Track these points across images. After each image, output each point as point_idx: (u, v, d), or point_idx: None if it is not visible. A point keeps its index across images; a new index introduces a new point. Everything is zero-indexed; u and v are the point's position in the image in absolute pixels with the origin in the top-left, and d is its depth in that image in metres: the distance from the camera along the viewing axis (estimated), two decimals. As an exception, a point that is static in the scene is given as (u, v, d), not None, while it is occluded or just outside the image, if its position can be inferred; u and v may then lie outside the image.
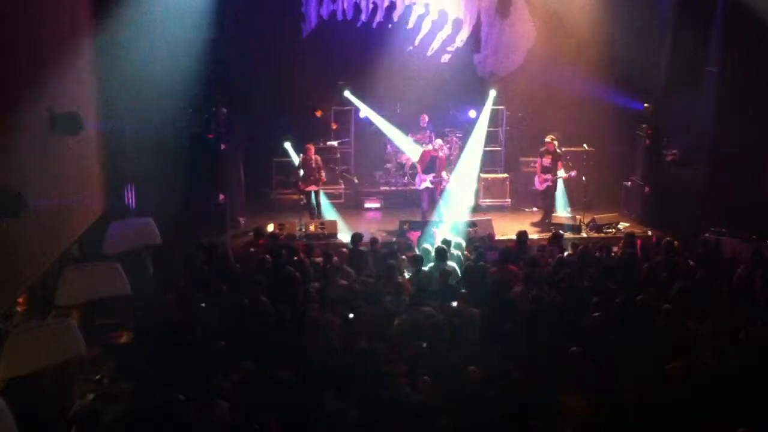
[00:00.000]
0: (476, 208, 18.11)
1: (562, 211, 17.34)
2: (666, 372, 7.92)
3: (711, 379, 7.69)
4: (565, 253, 12.97)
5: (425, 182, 16.88)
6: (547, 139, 16.98)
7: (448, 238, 13.15)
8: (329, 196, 17.62)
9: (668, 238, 13.14)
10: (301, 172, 16.41)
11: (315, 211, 16.57)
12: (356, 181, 18.80)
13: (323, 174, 16.62)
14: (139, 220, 10.98)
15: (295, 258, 12.20)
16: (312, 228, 15.56)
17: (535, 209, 18.11)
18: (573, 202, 17.87)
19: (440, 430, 7.08)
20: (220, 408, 7.29)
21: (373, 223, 17.29)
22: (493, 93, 18.61)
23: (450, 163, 18.24)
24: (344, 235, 15.09)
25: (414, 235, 14.09)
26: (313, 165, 16.43)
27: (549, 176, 16.91)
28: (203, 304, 10.05)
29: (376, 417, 7.12)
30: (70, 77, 9.75)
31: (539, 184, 17.18)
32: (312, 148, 16.58)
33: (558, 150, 16.96)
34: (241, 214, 16.83)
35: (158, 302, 10.10)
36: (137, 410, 7.39)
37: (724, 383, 7.57)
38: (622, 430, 7.01)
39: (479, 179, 18.60)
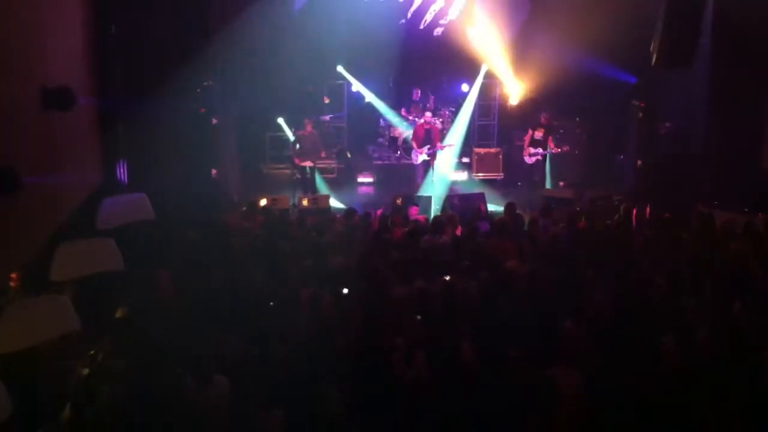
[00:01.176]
0: (469, 182, 18.22)
1: (551, 185, 17.41)
2: (659, 347, 7.95)
3: (704, 354, 7.72)
4: (558, 227, 12.97)
5: (422, 155, 16.89)
6: (543, 115, 17.07)
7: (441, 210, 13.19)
8: (322, 171, 17.64)
9: (661, 212, 13.16)
10: (298, 146, 16.41)
11: (309, 187, 16.57)
12: (349, 155, 18.78)
13: (322, 150, 16.65)
14: (132, 195, 10.92)
15: (289, 233, 12.20)
16: (305, 203, 15.57)
17: (519, 183, 18.10)
18: (566, 176, 17.94)
19: (433, 405, 7.11)
20: (220, 383, 7.31)
21: (366, 197, 17.31)
22: (485, 67, 18.59)
23: (443, 136, 18.27)
24: (337, 210, 15.12)
25: (414, 211, 14.05)
26: (310, 141, 16.45)
27: (539, 150, 16.95)
28: (196, 280, 10.04)
29: (371, 393, 7.15)
30: (62, 52, 9.68)
31: (529, 158, 17.20)
32: (310, 124, 16.60)
33: (550, 124, 17.04)
34: (234, 189, 16.81)
35: (152, 278, 10.08)
36: (134, 387, 7.40)
37: (718, 358, 7.60)
38: (616, 405, 7.04)
39: (472, 153, 18.64)
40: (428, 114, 17.40)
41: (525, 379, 7.37)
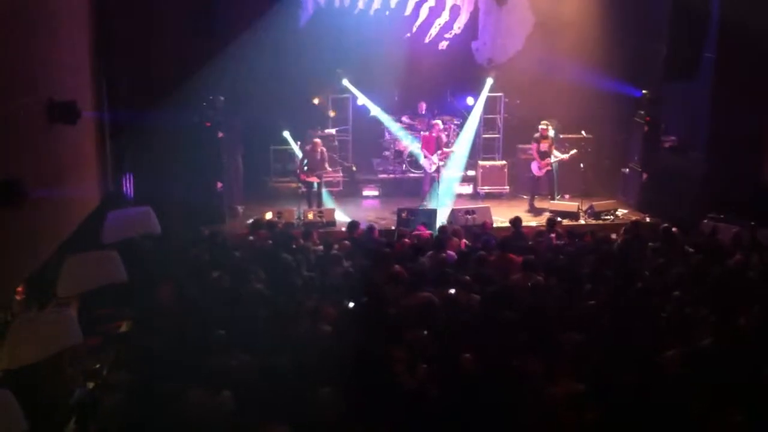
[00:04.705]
0: (474, 195, 18.25)
1: (557, 198, 17.39)
2: (663, 358, 7.95)
3: (708, 366, 7.71)
4: (563, 240, 12.98)
5: (434, 164, 16.98)
6: (542, 125, 17.07)
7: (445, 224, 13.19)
8: (327, 184, 17.63)
9: (666, 225, 13.16)
10: (306, 161, 16.41)
11: (314, 201, 16.58)
12: (354, 169, 18.78)
13: (327, 166, 16.66)
14: (137, 209, 10.97)
15: (294, 246, 12.22)
16: (310, 216, 15.57)
17: (524, 197, 18.09)
18: (571, 189, 17.92)
19: (434, 416, 7.11)
20: (223, 396, 7.31)
21: (371, 211, 17.31)
22: (490, 80, 18.60)
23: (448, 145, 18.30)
24: (342, 224, 15.14)
25: (422, 229, 13.97)
26: (318, 157, 16.45)
27: (548, 160, 16.97)
28: (200, 293, 10.06)
29: (372, 404, 7.15)
30: (67, 66, 9.73)
31: (538, 170, 17.19)
32: (319, 141, 16.64)
33: (551, 135, 17.09)
34: (239, 202, 16.83)
35: (155, 291, 10.11)
36: (137, 399, 7.41)
37: (722, 369, 7.59)
38: (618, 416, 7.03)
39: (477, 166, 18.64)
40: (439, 122, 17.54)
41: (526, 390, 7.39)
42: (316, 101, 18.77)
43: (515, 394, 7.34)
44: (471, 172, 18.92)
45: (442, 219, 15.36)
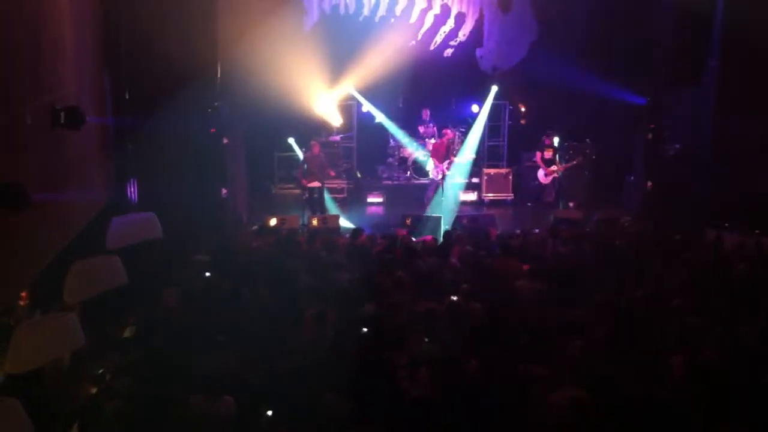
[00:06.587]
0: (478, 202, 18.28)
1: (562, 206, 17.43)
2: (666, 367, 7.93)
3: (711, 375, 7.69)
4: (567, 247, 12.96)
5: (443, 172, 17.08)
6: (545, 135, 17.15)
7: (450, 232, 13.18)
8: (331, 190, 17.67)
9: (670, 233, 13.14)
10: (306, 167, 16.44)
11: (317, 207, 16.59)
12: (359, 175, 18.82)
13: (329, 171, 16.67)
14: (141, 214, 10.96)
15: (298, 252, 12.23)
16: (314, 223, 15.58)
17: (529, 204, 18.13)
18: (575, 197, 17.93)
19: (437, 422, 7.10)
20: (226, 402, 7.31)
21: (376, 217, 17.33)
22: (495, 88, 18.64)
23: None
24: (347, 230, 15.15)
25: (401, 233, 13.98)
26: (318, 162, 16.48)
27: (554, 167, 17.01)
28: (205, 299, 10.06)
29: (375, 410, 7.14)
30: (71, 71, 9.75)
31: (544, 178, 17.23)
32: (317, 145, 16.65)
33: (555, 143, 17.15)
34: (243, 208, 16.84)
35: (159, 297, 10.11)
36: (140, 405, 7.40)
37: (725, 379, 7.57)
38: (620, 423, 7.01)
39: (482, 173, 18.67)
40: (449, 131, 17.65)
41: (528, 396, 7.37)
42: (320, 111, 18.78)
43: (518, 400, 7.33)
44: (475, 180, 18.94)
45: (446, 226, 15.38)
